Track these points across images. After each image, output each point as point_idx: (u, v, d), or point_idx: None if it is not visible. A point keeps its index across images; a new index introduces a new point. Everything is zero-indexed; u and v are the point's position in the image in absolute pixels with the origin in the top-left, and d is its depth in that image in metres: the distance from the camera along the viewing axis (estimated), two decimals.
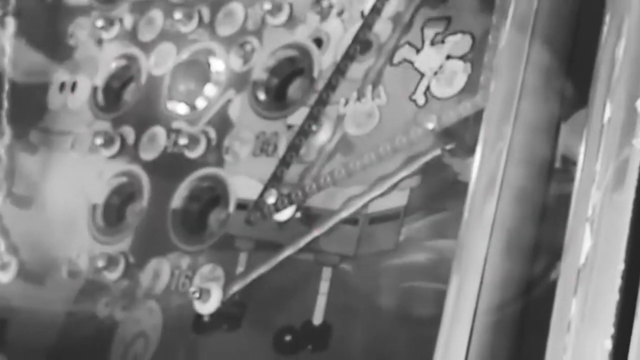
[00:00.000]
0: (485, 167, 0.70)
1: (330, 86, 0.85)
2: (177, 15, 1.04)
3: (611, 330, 0.52)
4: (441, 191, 0.78)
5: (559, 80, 0.73)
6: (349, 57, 0.86)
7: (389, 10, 0.86)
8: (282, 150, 0.89)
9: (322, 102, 0.85)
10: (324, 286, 0.80)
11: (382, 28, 0.87)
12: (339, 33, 0.91)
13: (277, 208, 0.83)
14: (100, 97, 1.12)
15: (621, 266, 0.54)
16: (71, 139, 1.13)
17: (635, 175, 0.56)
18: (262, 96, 0.96)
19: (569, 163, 0.71)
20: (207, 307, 0.84)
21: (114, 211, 1.04)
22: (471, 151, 0.74)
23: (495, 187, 0.67)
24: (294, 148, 0.85)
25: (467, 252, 0.68)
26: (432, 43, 0.80)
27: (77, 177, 1.10)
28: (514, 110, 0.68)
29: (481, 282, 0.66)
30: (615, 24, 0.61)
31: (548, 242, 0.69)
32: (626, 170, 0.56)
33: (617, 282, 0.53)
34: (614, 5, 0.62)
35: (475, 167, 0.70)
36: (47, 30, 1.24)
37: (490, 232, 0.66)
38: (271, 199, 0.83)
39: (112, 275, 0.98)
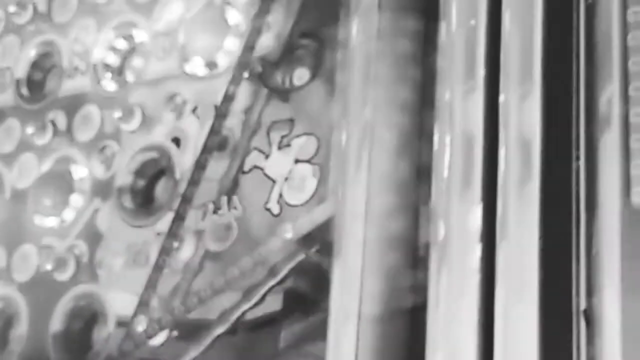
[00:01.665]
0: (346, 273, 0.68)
1: (193, 182, 0.82)
2: (30, 128, 1.00)
3: None
4: (314, 290, 0.76)
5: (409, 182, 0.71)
6: (206, 153, 0.83)
7: (238, 106, 0.84)
8: (153, 259, 0.86)
9: (181, 215, 0.82)
10: None
11: (234, 123, 0.84)
12: (196, 129, 0.89)
13: (149, 335, 0.79)
14: None
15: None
16: None
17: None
18: (128, 202, 0.93)
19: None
20: None
21: None
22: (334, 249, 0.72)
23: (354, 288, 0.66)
24: (158, 268, 0.82)
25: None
26: (279, 147, 0.78)
27: None
28: (363, 218, 0.66)
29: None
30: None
31: None
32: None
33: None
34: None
35: (336, 274, 0.68)
36: None
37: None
38: (141, 327, 0.80)
39: None
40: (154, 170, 0.92)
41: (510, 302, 0.57)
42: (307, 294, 0.77)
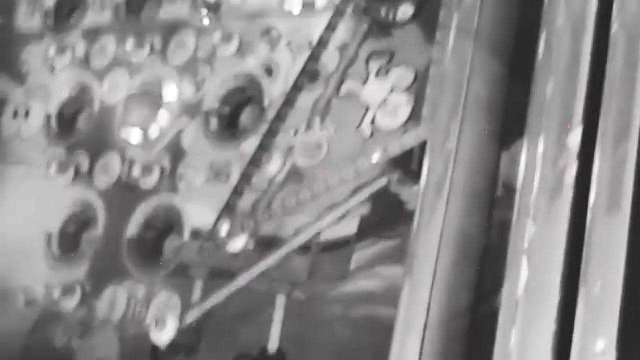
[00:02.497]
0: (429, 197, 0.72)
1: (280, 117, 0.87)
2: (129, 43, 1.05)
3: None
4: (389, 219, 0.80)
5: (499, 111, 0.75)
6: (297, 87, 0.88)
7: (335, 41, 0.88)
8: (235, 178, 0.91)
9: (273, 132, 0.87)
10: (278, 314, 0.82)
11: (329, 58, 0.89)
12: (288, 62, 0.93)
13: (230, 238, 0.84)
14: (54, 124, 1.13)
15: (557, 298, 0.56)
16: (25, 167, 1.13)
17: (567, 208, 0.59)
18: (214, 124, 0.97)
19: (510, 191, 0.74)
20: (163, 336, 0.85)
21: (69, 240, 1.04)
22: (417, 179, 0.76)
23: (438, 219, 0.70)
24: (246, 178, 0.86)
25: (416, 274, 0.70)
26: (377, 76, 0.82)
27: (32, 205, 1.10)
28: (455, 140, 0.70)
29: (429, 302, 0.69)
30: (546, 63, 0.63)
31: (492, 269, 0.72)
32: (560, 203, 0.59)
33: (554, 314, 0.56)
34: (547, 46, 0.64)
35: (420, 197, 0.72)
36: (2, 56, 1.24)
37: (435, 264, 0.69)
38: (224, 230, 0.84)
39: (69, 304, 0.98)
40: (243, 98, 0.97)
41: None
42: (383, 221, 0.80)
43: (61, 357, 0.96)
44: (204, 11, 1.02)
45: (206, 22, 1.02)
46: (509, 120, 0.75)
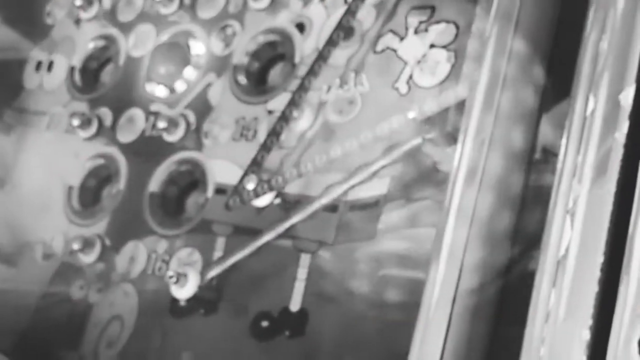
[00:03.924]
0: (466, 157, 0.70)
1: (312, 72, 0.85)
2: None
3: (589, 321, 0.53)
4: (421, 180, 0.78)
5: (541, 71, 0.73)
6: (331, 43, 0.85)
7: None
8: (262, 135, 0.89)
9: (304, 88, 0.84)
10: (302, 273, 0.80)
11: (365, 15, 0.86)
12: (322, 18, 0.91)
13: (257, 194, 0.82)
14: (77, 77, 1.11)
15: (600, 258, 0.54)
16: (47, 120, 1.11)
17: (616, 169, 0.56)
18: (242, 80, 0.95)
19: (550, 154, 0.72)
20: (184, 292, 0.84)
21: (90, 193, 1.03)
22: (452, 140, 0.74)
23: (476, 176, 0.67)
24: (274, 134, 0.84)
25: (447, 237, 0.68)
26: (416, 32, 0.80)
27: (53, 158, 1.08)
28: (495, 100, 0.68)
29: (461, 266, 0.67)
30: (600, 17, 0.61)
31: (525, 231, 0.70)
32: (607, 164, 0.56)
33: (597, 274, 0.54)
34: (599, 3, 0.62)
35: (456, 157, 0.70)
36: (24, 8, 1.22)
37: (471, 220, 0.66)
38: (251, 185, 0.82)
39: (88, 258, 0.97)
40: (273, 54, 0.95)
41: None
42: (414, 181, 0.78)
43: (78, 311, 0.95)
44: None
45: None
46: (551, 83, 0.73)
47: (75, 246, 0.96)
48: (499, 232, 0.70)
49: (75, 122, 1.04)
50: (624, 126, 0.56)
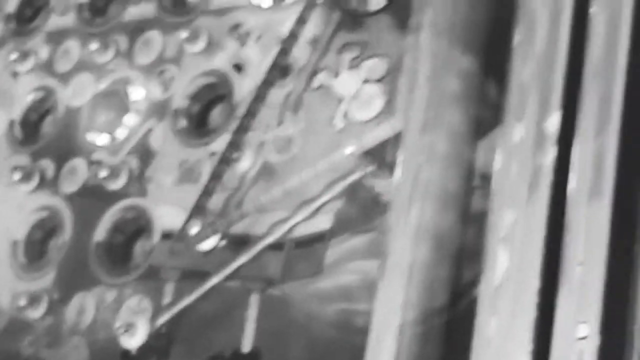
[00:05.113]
0: (404, 187, 0.71)
1: (250, 113, 0.85)
2: (94, 45, 1.03)
3: (529, 346, 0.54)
4: (364, 212, 0.78)
5: (474, 99, 0.74)
6: (267, 83, 0.86)
7: (306, 34, 0.87)
8: (205, 177, 0.89)
9: (243, 128, 0.85)
10: (252, 313, 0.80)
11: (300, 52, 0.87)
12: (258, 58, 0.92)
13: (201, 238, 0.82)
14: (17, 130, 1.10)
15: (537, 283, 0.55)
16: None
17: (546, 194, 0.57)
18: (183, 124, 0.95)
19: (487, 180, 0.73)
20: (134, 341, 0.83)
21: (35, 247, 1.01)
22: (392, 171, 0.75)
23: (413, 211, 0.68)
24: (216, 176, 0.84)
25: (391, 264, 0.69)
26: (349, 68, 0.81)
27: None
28: (430, 132, 0.69)
29: (405, 298, 0.67)
30: (523, 50, 0.62)
31: (470, 263, 0.70)
32: (537, 190, 0.57)
33: (534, 299, 0.55)
34: (523, 31, 0.63)
35: (395, 187, 0.71)
36: None
37: (411, 252, 0.67)
38: (194, 229, 0.82)
39: (35, 313, 0.95)
40: (212, 95, 0.95)
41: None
42: (358, 214, 0.79)
43: None
44: None
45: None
46: (485, 110, 0.74)
47: (22, 302, 0.95)
48: (440, 271, 0.70)
49: (17, 176, 1.03)
50: (551, 154, 0.57)
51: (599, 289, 0.55)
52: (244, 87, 0.91)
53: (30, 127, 1.10)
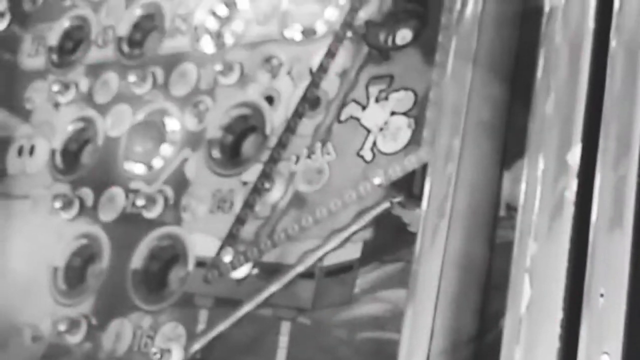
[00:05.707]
0: (431, 220, 0.72)
1: (281, 144, 0.88)
2: (132, 77, 1.06)
3: None
4: (393, 242, 0.80)
5: (500, 131, 0.75)
6: (298, 114, 0.88)
7: (335, 67, 0.89)
8: (238, 206, 0.91)
9: (274, 159, 0.87)
10: (283, 340, 0.82)
11: (329, 85, 0.89)
12: (289, 90, 0.94)
13: (234, 266, 0.84)
14: (58, 160, 1.13)
15: (560, 315, 0.56)
16: (30, 203, 1.13)
17: (569, 226, 0.58)
18: (217, 154, 0.98)
19: (513, 211, 0.74)
20: None
21: (75, 273, 1.04)
22: (419, 202, 0.76)
23: (440, 241, 0.70)
24: (248, 206, 0.87)
25: (418, 298, 0.70)
26: (377, 100, 0.83)
27: (37, 240, 1.10)
28: (456, 162, 0.70)
29: (433, 327, 0.68)
30: (545, 82, 0.64)
31: (497, 293, 0.71)
32: (560, 221, 0.58)
33: (557, 330, 0.55)
34: (545, 64, 0.65)
35: (422, 219, 0.72)
36: (4, 93, 1.25)
37: (439, 282, 0.68)
38: (227, 258, 0.84)
39: (74, 339, 0.98)
40: (245, 126, 0.97)
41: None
42: (386, 244, 0.80)
43: None
44: None
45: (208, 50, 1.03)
46: (511, 140, 0.75)
47: (62, 327, 0.97)
48: (467, 301, 0.71)
49: (58, 204, 1.06)
50: (573, 185, 0.58)
51: (621, 319, 0.56)
52: (275, 119, 0.93)
53: (70, 156, 1.13)
